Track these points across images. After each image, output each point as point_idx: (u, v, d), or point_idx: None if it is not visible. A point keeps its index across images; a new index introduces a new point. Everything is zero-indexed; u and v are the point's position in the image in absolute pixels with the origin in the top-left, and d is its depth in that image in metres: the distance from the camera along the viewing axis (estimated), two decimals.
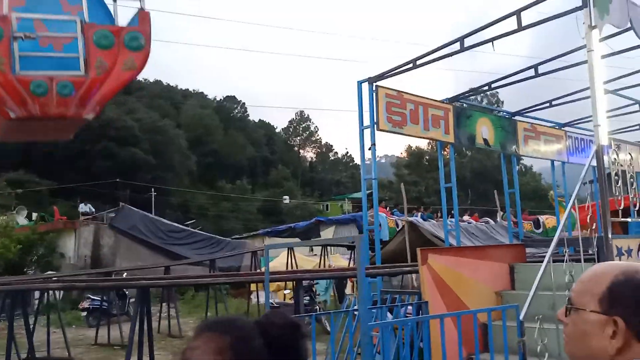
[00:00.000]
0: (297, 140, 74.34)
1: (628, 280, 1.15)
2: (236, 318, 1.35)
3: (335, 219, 24.12)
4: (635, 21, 5.78)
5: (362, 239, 3.33)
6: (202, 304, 15.04)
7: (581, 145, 10.81)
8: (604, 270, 1.20)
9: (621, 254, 5.38)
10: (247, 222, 46.25)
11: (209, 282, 9.21)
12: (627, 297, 1.13)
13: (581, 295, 1.21)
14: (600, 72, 5.40)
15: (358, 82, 7.70)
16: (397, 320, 4.89)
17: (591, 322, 1.17)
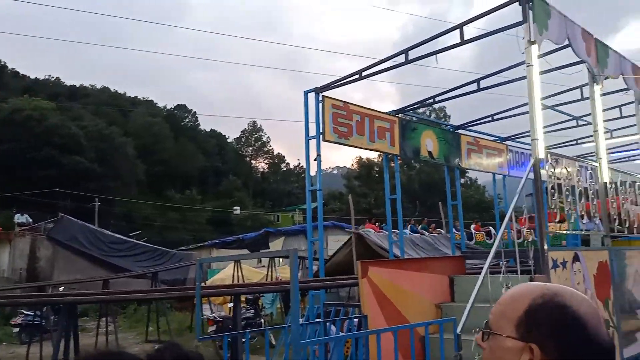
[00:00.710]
0: (249, 150, 73.83)
1: (545, 303, 1.07)
2: (119, 353, 1.18)
3: (284, 230, 23.99)
4: (572, 38, 5.97)
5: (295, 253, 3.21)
6: (144, 318, 14.49)
7: (521, 158, 11.15)
8: (522, 293, 1.13)
9: (556, 266, 5.48)
10: (196, 233, 45.30)
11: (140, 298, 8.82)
12: (544, 322, 1.05)
13: (498, 318, 1.13)
14: (539, 87, 5.53)
15: (305, 92, 7.64)
16: (333, 337, 4.78)
17: (507, 348, 1.08)
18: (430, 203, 41.68)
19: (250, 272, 16.38)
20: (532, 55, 5.60)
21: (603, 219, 6.51)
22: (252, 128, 73.28)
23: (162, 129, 57.97)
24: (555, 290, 1.10)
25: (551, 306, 1.06)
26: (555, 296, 1.07)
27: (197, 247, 24.49)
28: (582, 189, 6.46)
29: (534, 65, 5.62)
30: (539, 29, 5.60)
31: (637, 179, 7.67)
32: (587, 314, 1.05)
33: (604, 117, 7.36)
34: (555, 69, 7.22)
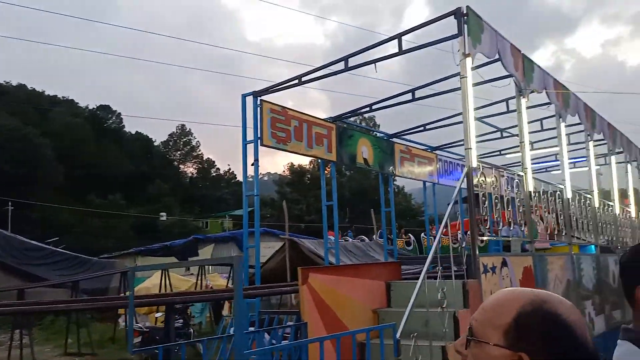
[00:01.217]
0: (177, 154, 71.69)
1: (535, 311, 1.04)
2: None
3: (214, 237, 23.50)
4: (502, 52, 6.25)
5: (241, 259, 3.10)
6: (63, 330, 13.62)
7: (450, 167, 11.56)
8: (510, 299, 1.08)
9: (487, 270, 5.69)
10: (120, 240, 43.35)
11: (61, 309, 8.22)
12: (535, 331, 1.02)
13: (484, 325, 1.08)
14: (472, 98, 5.72)
15: (242, 96, 7.51)
16: (276, 347, 4.68)
17: (493, 357, 1.03)
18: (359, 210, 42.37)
19: (179, 280, 15.86)
20: (467, 68, 5.80)
21: (528, 225, 6.85)
22: (181, 131, 71.30)
23: (83, 130, 55.10)
24: (544, 297, 1.07)
25: (542, 314, 1.03)
26: (544, 303, 1.04)
27: (120, 254, 23.39)
28: (509, 198, 6.77)
29: (468, 77, 5.83)
30: (473, 43, 5.82)
31: (557, 189, 8.16)
32: (576, 322, 1.03)
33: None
34: (486, 81, 7.53)
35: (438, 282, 4.96)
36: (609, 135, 9.98)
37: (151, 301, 6.86)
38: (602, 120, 9.71)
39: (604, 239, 9.14)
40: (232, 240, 22.22)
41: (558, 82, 8.13)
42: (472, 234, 5.66)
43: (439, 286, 4.96)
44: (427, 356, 4.51)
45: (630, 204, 11.43)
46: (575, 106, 8.57)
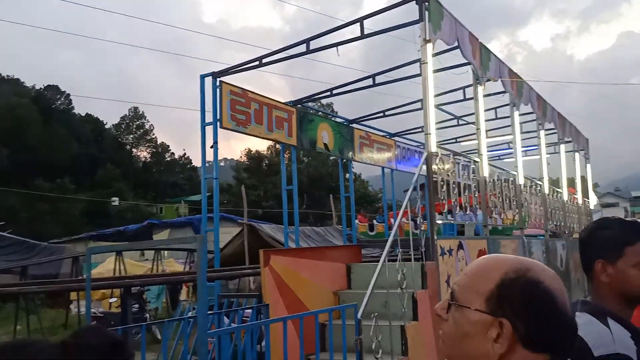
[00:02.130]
0: (129, 138, 69.63)
1: (518, 278, 1.05)
2: (31, 342, 1.03)
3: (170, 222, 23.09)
4: (461, 40, 6.37)
5: (204, 239, 3.06)
6: (11, 316, 13.13)
7: (408, 154, 11.74)
8: (493, 265, 1.09)
9: (444, 253, 5.84)
10: (69, 225, 41.98)
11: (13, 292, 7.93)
12: (516, 298, 1.03)
13: (466, 290, 1.09)
14: (432, 84, 5.82)
15: (201, 76, 7.35)
16: (238, 327, 4.67)
17: (474, 321, 1.05)
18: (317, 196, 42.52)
19: (133, 266, 15.53)
20: (427, 53, 5.89)
21: (482, 210, 7.07)
22: (134, 114, 69.27)
23: (29, 111, 52.65)
24: (528, 265, 1.08)
25: (524, 281, 1.04)
26: (528, 271, 1.06)
27: (71, 239, 22.67)
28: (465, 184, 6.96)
29: (429, 63, 5.92)
30: (434, 29, 5.91)
31: (510, 175, 8.44)
32: (557, 291, 1.05)
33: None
34: (445, 68, 7.67)
35: (398, 264, 5.06)
36: (559, 124, 10.38)
37: (109, 283, 6.69)
38: (553, 110, 10.08)
39: (553, 225, 9.53)
40: (189, 226, 21.90)
41: (512, 71, 8.37)
42: (430, 218, 5.79)
43: (399, 268, 5.07)
44: (387, 335, 4.61)
45: (576, 192, 11.94)
46: (528, 95, 8.86)
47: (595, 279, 1.77)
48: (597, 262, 1.75)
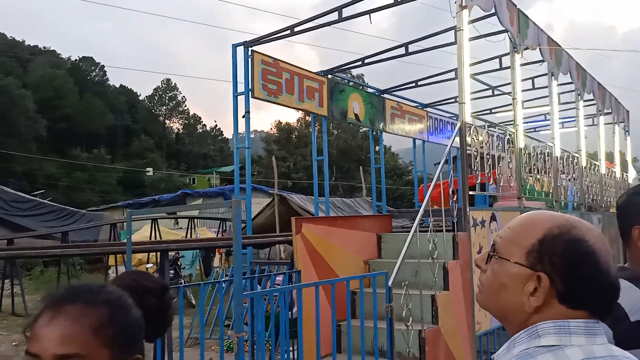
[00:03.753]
0: (162, 109, 70.61)
1: (562, 234, 1.04)
2: (101, 285, 1.07)
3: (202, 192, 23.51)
4: (498, 6, 6.18)
5: (239, 204, 3.13)
6: (52, 280, 13.73)
7: (440, 125, 11.58)
8: (538, 221, 1.09)
9: (476, 224, 5.81)
10: (105, 194, 43.22)
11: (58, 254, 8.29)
12: (557, 254, 1.02)
13: (508, 243, 1.09)
14: (468, 51, 5.69)
15: (233, 46, 7.37)
16: (272, 290, 4.79)
17: (512, 274, 1.06)
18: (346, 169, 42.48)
19: (168, 233, 15.93)
20: (463, 20, 5.74)
21: (518, 183, 6.96)
22: (166, 86, 70.03)
23: (65, 82, 53.84)
24: (574, 222, 1.07)
25: (568, 238, 1.04)
26: (573, 228, 1.05)
27: (108, 207, 23.37)
28: (499, 155, 6.85)
29: (464, 30, 5.78)
30: None
31: (547, 147, 8.25)
32: (601, 250, 1.04)
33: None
34: (481, 36, 7.47)
35: (429, 234, 5.06)
36: (599, 95, 10.04)
37: (147, 247, 6.93)
38: (593, 80, 9.74)
39: (589, 199, 9.33)
40: (221, 196, 22.29)
41: (552, 39, 8.09)
42: (463, 189, 5.74)
43: (430, 238, 5.07)
44: (417, 304, 4.65)
45: (615, 166, 11.61)
46: (567, 65, 8.57)
47: (633, 246, 1.75)
48: (634, 229, 1.73)
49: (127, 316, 1.00)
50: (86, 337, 0.93)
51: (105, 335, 0.94)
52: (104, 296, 1.00)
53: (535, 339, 1.02)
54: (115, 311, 0.98)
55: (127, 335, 0.98)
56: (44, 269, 16.89)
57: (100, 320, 0.95)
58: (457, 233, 5.48)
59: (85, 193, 42.52)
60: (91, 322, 0.94)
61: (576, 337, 1.00)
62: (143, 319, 1.04)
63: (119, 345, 0.96)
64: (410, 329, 4.50)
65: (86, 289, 1.01)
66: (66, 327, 0.93)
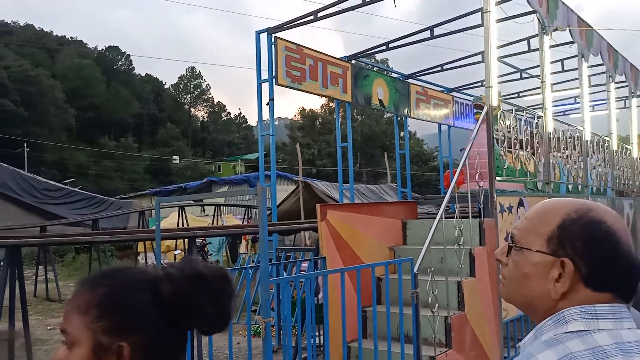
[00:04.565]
0: (187, 97, 71.27)
1: (580, 218, 1.04)
2: (123, 268, 1.08)
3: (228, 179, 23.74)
4: None
5: (265, 191, 3.15)
6: (84, 266, 14.12)
7: (466, 110, 11.40)
8: (555, 207, 1.09)
9: (503, 210, 5.74)
10: (133, 182, 44.01)
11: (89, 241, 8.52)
12: (578, 238, 1.02)
13: (526, 233, 1.09)
14: (495, 34, 5.58)
15: (256, 32, 7.35)
16: (298, 276, 4.82)
17: (535, 263, 1.06)
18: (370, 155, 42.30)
19: (195, 220, 16.18)
20: (490, 2, 5.62)
21: (545, 166, 6.83)
22: (191, 74, 70.59)
23: (92, 71, 54.73)
24: (590, 205, 1.07)
25: (586, 221, 1.04)
26: (589, 211, 1.05)
27: (136, 195, 23.81)
28: (527, 139, 6.73)
29: (492, 12, 5.66)
30: None
31: (576, 132, 8.06)
32: (620, 230, 1.04)
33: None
34: (508, 18, 7.31)
35: (455, 221, 5.02)
36: (631, 77, 9.74)
37: (175, 234, 7.04)
38: (625, 62, 9.45)
39: (621, 183, 9.11)
40: (246, 183, 22.46)
41: (582, 19, 7.86)
42: (489, 174, 5.66)
43: (456, 224, 5.02)
44: (443, 290, 4.63)
45: None
46: (598, 46, 8.33)
47: None
48: None
49: (124, 300, 0.99)
50: (72, 315, 1.00)
51: (89, 316, 0.98)
52: (105, 280, 1.02)
53: (563, 325, 1.02)
54: (108, 295, 0.99)
55: (115, 319, 0.98)
56: (76, 255, 17.35)
57: (88, 301, 0.99)
58: (483, 219, 5.42)
59: (114, 181, 43.35)
60: (79, 302, 0.99)
61: (604, 321, 1.00)
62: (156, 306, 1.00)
63: (102, 328, 0.97)
64: (436, 315, 4.48)
65: (98, 272, 1.06)
66: (66, 306, 1.04)
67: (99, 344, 0.97)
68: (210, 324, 1.06)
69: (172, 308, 1.00)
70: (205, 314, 1.03)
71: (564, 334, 1.00)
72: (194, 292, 1.00)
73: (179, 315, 1.01)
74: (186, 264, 1.05)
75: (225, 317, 1.07)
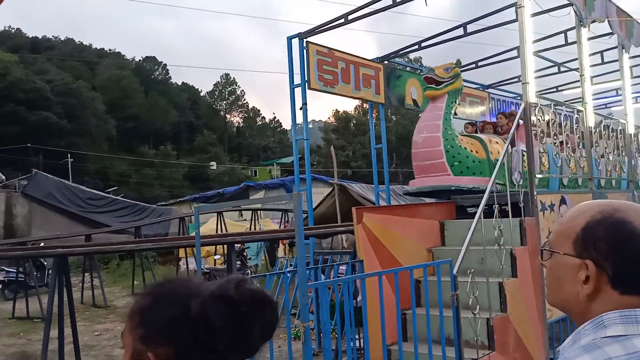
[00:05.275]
0: (222, 104, 72.38)
1: (604, 219, 1.04)
2: (170, 281, 1.10)
3: (264, 184, 23.94)
4: None
5: (300, 196, 3.17)
6: (128, 272, 14.50)
7: (503, 107, 11.18)
8: (583, 210, 1.09)
9: (545, 208, 5.60)
10: (173, 189, 44.96)
11: (132, 249, 8.76)
12: (600, 238, 1.02)
13: (557, 236, 1.11)
14: (530, 29, 5.47)
15: (288, 38, 7.42)
16: (336, 280, 4.84)
17: (564, 265, 1.07)
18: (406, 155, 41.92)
19: (233, 225, 16.41)
20: None
21: (587, 162, 6.64)
22: (226, 81, 71.67)
23: (131, 82, 56.25)
24: (617, 206, 1.06)
25: (610, 222, 1.03)
26: (615, 212, 1.04)
27: (176, 202, 24.33)
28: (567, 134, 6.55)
29: (526, 6, 5.55)
30: None
31: (619, 125, 7.80)
32: None
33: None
34: (543, 11, 7.14)
35: (494, 220, 4.93)
36: None
37: (214, 240, 7.17)
38: None
39: None
40: (282, 187, 22.64)
41: (621, 9, 7.61)
42: (529, 172, 5.54)
43: (496, 224, 4.94)
44: (484, 292, 4.56)
45: None
46: (639, 36, 8.05)
47: None
48: None
49: (159, 312, 1.01)
50: (126, 321, 1.07)
51: (133, 322, 1.04)
52: (152, 290, 1.07)
53: (601, 330, 1.00)
54: (150, 304, 1.03)
55: (148, 329, 1.01)
56: (120, 262, 17.85)
57: (134, 309, 1.05)
58: (524, 218, 5.31)
59: (154, 188, 44.37)
60: (131, 309, 1.06)
61: None
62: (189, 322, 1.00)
63: (139, 335, 1.01)
64: (478, 317, 4.41)
65: (153, 282, 1.12)
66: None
67: (136, 351, 1.02)
68: (231, 348, 1.02)
69: (197, 326, 1.00)
70: (226, 337, 1.00)
71: (603, 339, 0.99)
72: (216, 313, 0.99)
73: (203, 334, 1.01)
74: (222, 284, 1.04)
75: (248, 344, 1.03)
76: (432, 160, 6.13)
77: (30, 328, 10.27)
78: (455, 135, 6.33)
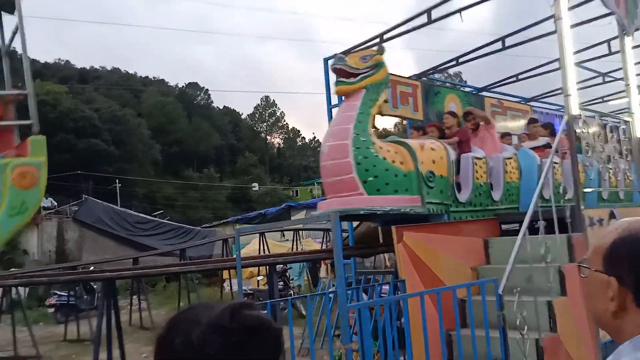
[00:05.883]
0: (263, 126, 73.64)
1: (631, 236, 1.04)
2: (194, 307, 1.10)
3: (305, 204, 24.05)
4: None
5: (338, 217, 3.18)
6: (174, 294, 14.75)
7: (546, 119, 10.91)
8: (615, 226, 1.11)
9: (593, 223, 5.40)
10: (217, 210, 45.74)
11: (176, 271, 8.96)
12: (623, 256, 1.03)
13: (591, 253, 1.13)
14: (570, 40, 5.35)
15: (324, 60, 7.52)
16: (375, 301, 4.78)
17: (596, 282, 1.08)
18: None
19: (275, 246, 16.51)
20: (562, 8, 5.41)
21: (637, 174, 6.39)
22: (266, 103, 73.00)
23: (175, 108, 58.05)
24: None
25: (634, 239, 1.03)
26: None
27: (220, 223, 24.75)
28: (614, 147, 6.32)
29: (564, 18, 5.44)
30: None
31: None
32: None
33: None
34: (583, 22, 6.98)
35: (541, 237, 4.79)
36: None
37: (256, 262, 7.25)
38: None
39: None
40: None
41: None
42: (575, 186, 5.37)
43: (542, 241, 4.79)
44: (532, 311, 4.41)
45: None
46: None
47: None
48: None
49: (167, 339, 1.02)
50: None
51: (154, 349, 1.05)
52: (175, 316, 1.08)
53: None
54: (164, 332, 1.04)
55: (160, 356, 1.03)
56: (166, 284, 18.22)
57: (158, 336, 1.06)
58: (572, 234, 5.13)
59: (199, 210, 45.26)
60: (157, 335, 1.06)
61: None
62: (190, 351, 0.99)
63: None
64: (526, 338, 4.26)
65: (182, 308, 1.13)
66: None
67: None
68: None
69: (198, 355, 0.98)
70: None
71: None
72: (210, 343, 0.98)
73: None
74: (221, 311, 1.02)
75: None
76: (340, 176, 4.76)
77: (81, 350, 10.57)
78: (371, 143, 5.05)
